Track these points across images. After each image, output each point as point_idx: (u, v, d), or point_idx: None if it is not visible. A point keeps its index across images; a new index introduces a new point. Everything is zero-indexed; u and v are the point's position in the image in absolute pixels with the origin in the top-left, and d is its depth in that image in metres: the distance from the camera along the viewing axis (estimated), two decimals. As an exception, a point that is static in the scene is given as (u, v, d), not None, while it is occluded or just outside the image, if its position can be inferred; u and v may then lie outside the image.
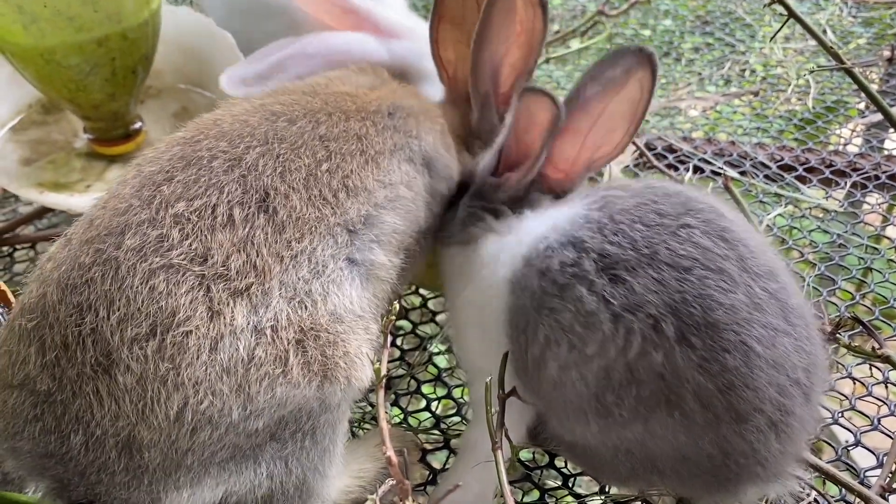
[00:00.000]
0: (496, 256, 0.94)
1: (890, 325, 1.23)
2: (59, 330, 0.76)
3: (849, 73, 1.00)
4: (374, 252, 0.91)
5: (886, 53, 1.98)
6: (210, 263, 0.78)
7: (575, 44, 2.22)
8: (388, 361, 1.22)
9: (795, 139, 1.78)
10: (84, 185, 1.42)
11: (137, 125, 1.50)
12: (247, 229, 0.81)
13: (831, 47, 0.99)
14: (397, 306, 0.94)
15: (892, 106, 1.26)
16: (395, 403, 1.18)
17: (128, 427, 0.75)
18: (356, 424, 1.14)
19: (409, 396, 1.20)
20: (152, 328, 0.75)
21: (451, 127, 1.12)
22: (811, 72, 1.29)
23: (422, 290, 1.40)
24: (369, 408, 1.18)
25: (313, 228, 0.85)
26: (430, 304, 1.38)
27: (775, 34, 1.35)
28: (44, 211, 1.57)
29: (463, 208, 1.03)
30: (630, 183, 0.93)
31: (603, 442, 0.85)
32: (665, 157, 1.68)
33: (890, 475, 0.94)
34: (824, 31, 2.05)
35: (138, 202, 0.80)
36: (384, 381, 0.89)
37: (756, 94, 1.93)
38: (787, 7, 1.00)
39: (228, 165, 0.85)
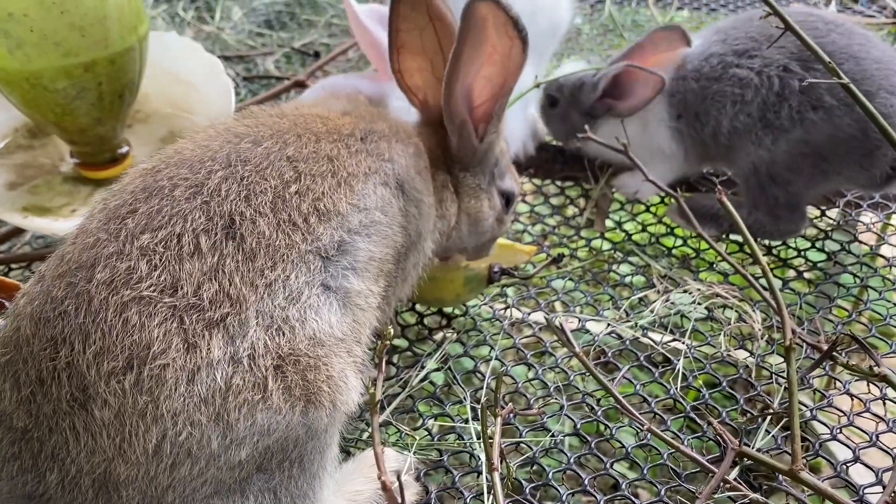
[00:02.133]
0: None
1: (887, 342, 1.23)
2: (33, 365, 0.75)
3: (846, 88, 1.00)
4: (350, 280, 0.89)
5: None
6: (181, 294, 0.77)
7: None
8: (385, 379, 1.22)
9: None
10: (70, 209, 1.41)
11: (124, 149, 1.49)
12: (216, 258, 0.79)
13: (829, 63, 1.00)
14: (392, 331, 0.93)
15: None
16: (389, 422, 1.17)
17: (104, 463, 0.73)
18: (352, 444, 1.14)
19: (405, 415, 1.19)
20: (129, 361, 0.73)
21: (428, 148, 1.12)
22: (807, 82, 1.30)
23: (418, 307, 1.39)
24: (364, 426, 1.17)
25: (285, 256, 0.83)
26: (427, 321, 1.38)
27: (770, 45, 1.35)
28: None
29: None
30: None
31: (779, 151, 1.37)
32: (660, 177, 1.68)
33: (893, 493, 0.93)
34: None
35: (105, 235, 0.79)
36: (378, 406, 0.89)
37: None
38: (783, 20, 1.01)
39: (191, 193, 0.83)
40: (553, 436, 1.12)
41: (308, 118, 0.98)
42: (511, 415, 1.02)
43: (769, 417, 1.13)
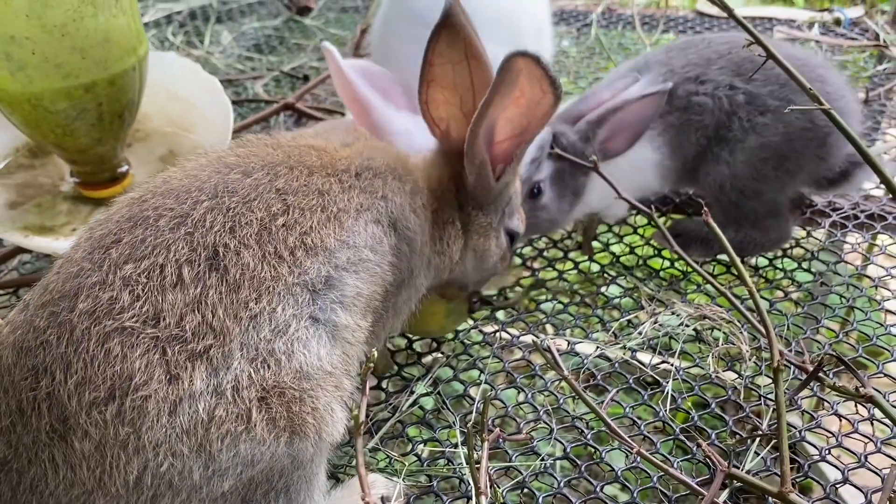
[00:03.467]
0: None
1: (874, 362, 1.24)
2: (13, 394, 0.75)
3: (827, 114, 1.01)
4: (338, 314, 0.89)
5: (861, 95, 2.03)
6: (163, 325, 0.76)
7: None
8: (374, 405, 1.22)
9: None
10: (70, 228, 1.41)
11: (124, 168, 1.50)
12: (198, 289, 0.79)
13: (810, 89, 1.01)
14: (375, 353, 0.93)
15: (868, 146, 1.28)
16: (378, 448, 1.17)
17: (83, 496, 0.73)
18: (341, 470, 1.13)
19: (394, 440, 1.19)
20: (111, 392, 0.73)
21: (438, 181, 1.11)
22: (790, 110, 1.32)
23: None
24: (354, 452, 1.16)
25: (271, 288, 0.83)
26: (416, 346, 1.38)
27: (752, 74, 1.37)
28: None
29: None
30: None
31: (738, 162, 1.42)
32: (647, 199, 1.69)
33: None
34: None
35: (89, 265, 0.79)
36: (362, 428, 0.88)
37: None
38: (765, 48, 1.02)
39: (175, 223, 0.82)
40: (543, 459, 1.12)
41: (303, 150, 0.98)
42: (500, 439, 1.02)
43: (758, 439, 1.13)
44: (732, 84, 1.42)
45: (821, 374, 1.07)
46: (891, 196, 1.44)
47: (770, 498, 0.99)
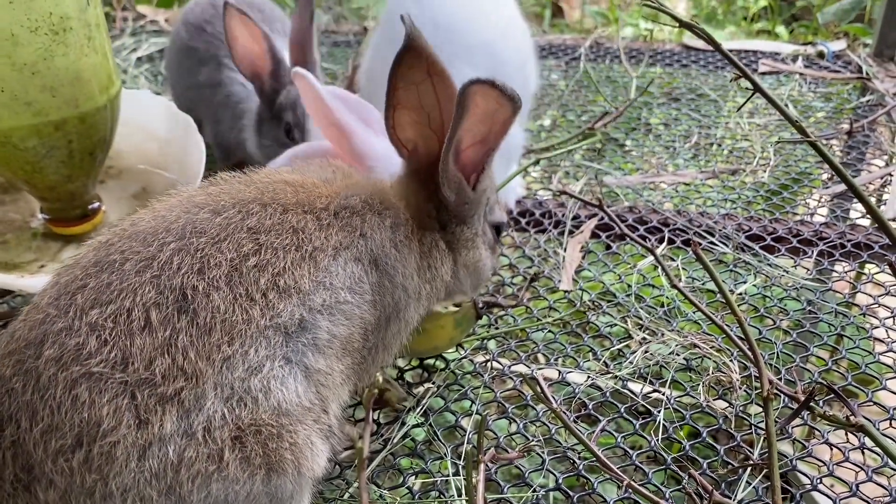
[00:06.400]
0: None
1: (864, 390, 1.24)
2: None
3: (813, 145, 1.02)
4: (309, 357, 0.87)
5: (845, 127, 2.06)
6: (132, 369, 0.75)
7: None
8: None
9: (763, 209, 1.83)
10: (38, 265, 1.39)
11: (95, 205, 1.49)
12: (167, 332, 0.78)
13: (797, 121, 1.02)
14: (380, 378, 0.92)
15: (853, 177, 1.30)
16: (370, 479, 1.16)
17: None
18: (332, 503, 1.12)
19: (386, 472, 1.18)
20: (78, 439, 0.72)
21: (415, 206, 1.09)
22: (777, 142, 1.34)
23: (398, 362, 1.39)
24: (345, 485, 1.15)
25: (243, 331, 0.81)
26: (408, 377, 1.37)
27: (741, 106, 1.40)
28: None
29: None
30: None
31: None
32: (636, 229, 1.71)
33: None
34: (786, 106, 2.12)
35: (55, 311, 0.78)
36: (365, 462, 0.87)
37: (734, 172, 1.97)
38: (752, 82, 1.04)
39: (141, 266, 0.81)
40: (535, 490, 1.11)
41: (277, 186, 0.95)
42: (493, 466, 1.01)
43: (750, 468, 1.12)
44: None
45: (811, 403, 1.07)
46: (877, 226, 1.46)
47: (763, 528, 0.98)
